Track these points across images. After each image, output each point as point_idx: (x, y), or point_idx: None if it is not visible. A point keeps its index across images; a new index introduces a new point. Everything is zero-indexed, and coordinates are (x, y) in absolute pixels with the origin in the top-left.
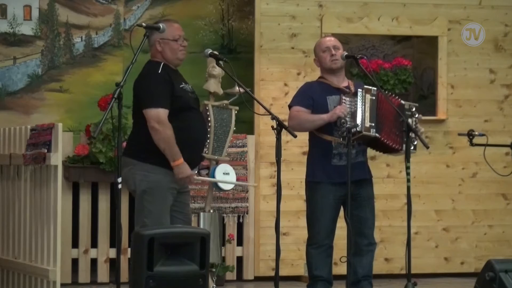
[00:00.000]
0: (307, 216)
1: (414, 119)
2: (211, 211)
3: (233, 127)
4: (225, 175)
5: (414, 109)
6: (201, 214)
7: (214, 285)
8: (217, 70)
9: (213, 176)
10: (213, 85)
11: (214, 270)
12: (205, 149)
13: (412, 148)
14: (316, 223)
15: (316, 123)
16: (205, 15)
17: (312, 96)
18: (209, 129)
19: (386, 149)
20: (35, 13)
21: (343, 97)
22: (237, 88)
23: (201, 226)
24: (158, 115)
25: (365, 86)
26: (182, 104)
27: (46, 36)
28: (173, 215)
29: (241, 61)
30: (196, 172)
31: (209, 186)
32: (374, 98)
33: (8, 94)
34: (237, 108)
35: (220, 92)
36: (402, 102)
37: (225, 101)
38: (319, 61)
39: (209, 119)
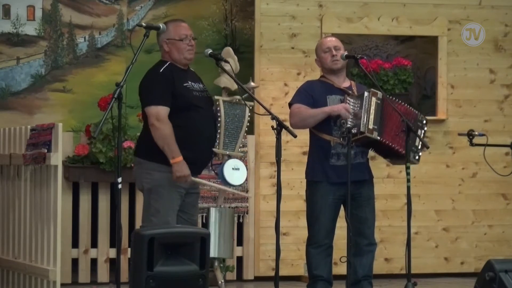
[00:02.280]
0: (307, 215)
1: (422, 131)
2: (222, 206)
3: (246, 123)
4: (235, 170)
5: (424, 122)
6: (211, 209)
7: (223, 281)
8: (229, 66)
9: (222, 171)
10: (225, 81)
11: (222, 265)
12: (216, 144)
13: (417, 158)
14: (316, 222)
15: (318, 117)
16: (208, 15)
17: (312, 95)
18: (219, 124)
19: (390, 153)
20: (38, 13)
21: (348, 98)
22: (251, 83)
23: (212, 220)
24: (158, 113)
25: (372, 89)
26: (184, 103)
27: (49, 36)
28: (177, 214)
29: (244, 61)
30: (210, 170)
31: (220, 182)
32: (379, 102)
33: (11, 94)
34: (252, 103)
35: (233, 88)
36: (416, 111)
37: (238, 96)
38: (320, 62)
39: (219, 113)
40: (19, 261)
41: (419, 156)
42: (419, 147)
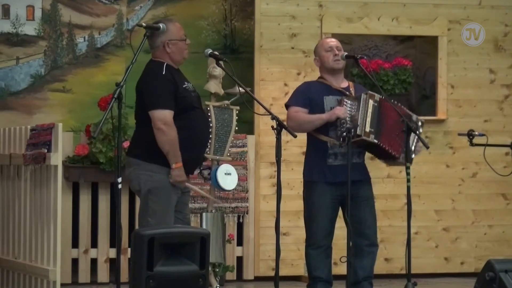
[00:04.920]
0: (305, 216)
1: (418, 132)
2: (213, 211)
3: (234, 127)
4: (227, 175)
5: (420, 124)
6: (204, 214)
7: (218, 285)
8: (218, 71)
9: (215, 176)
10: (214, 86)
11: (217, 270)
12: (206, 150)
13: (413, 156)
14: (314, 223)
15: (315, 123)
16: (208, 15)
17: (309, 96)
18: (210, 130)
19: (384, 156)
20: (38, 13)
21: (345, 100)
22: (238, 88)
23: (204, 226)
24: (165, 117)
25: (369, 92)
26: (186, 105)
27: (49, 36)
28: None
29: (243, 61)
30: (198, 172)
31: (211, 186)
32: (376, 104)
33: (11, 94)
34: (238, 108)
35: (221, 93)
36: (410, 112)
37: (226, 101)
38: (321, 61)
39: (210, 119)
40: (19, 261)
41: (411, 159)
42: (413, 150)
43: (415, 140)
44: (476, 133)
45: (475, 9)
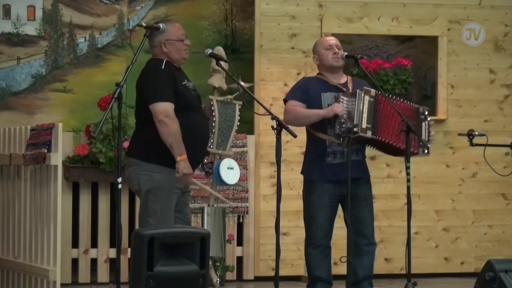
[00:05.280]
0: (304, 216)
1: (427, 122)
2: (215, 205)
3: (237, 122)
4: (230, 170)
5: (426, 113)
6: (205, 208)
7: (218, 279)
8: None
9: (218, 170)
10: (218, 80)
11: (217, 264)
12: (209, 144)
13: (426, 151)
14: (313, 223)
15: (312, 118)
16: (209, 15)
17: (307, 92)
18: (213, 124)
19: (392, 151)
20: (38, 13)
21: (341, 96)
22: (241, 82)
23: (205, 220)
24: (166, 109)
25: (365, 88)
26: (185, 102)
27: (49, 36)
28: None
29: (244, 61)
30: (200, 167)
31: (213, 181)
32: (372, 100)
33: (12, 94)
34: (240, 102)
35: (225, 87)
36: (416, 106)
37: (229, 96)
38: (320, 59)
39: (213, 113)
40: (19, 261)
41: (428, 149)
42: (426, 140)
43: (427, 127)
44: (476, 133)
45: (475, 9)
